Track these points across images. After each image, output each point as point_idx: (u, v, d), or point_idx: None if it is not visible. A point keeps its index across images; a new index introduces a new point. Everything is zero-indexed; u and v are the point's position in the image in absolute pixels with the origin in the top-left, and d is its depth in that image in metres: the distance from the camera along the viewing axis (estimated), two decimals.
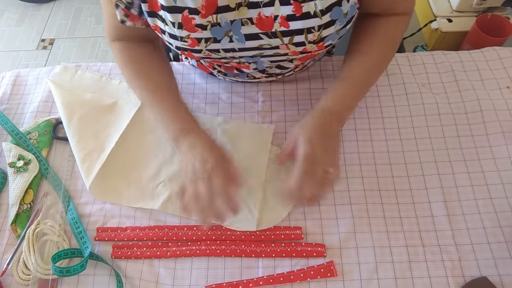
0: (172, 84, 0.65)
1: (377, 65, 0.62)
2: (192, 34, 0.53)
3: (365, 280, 0.56)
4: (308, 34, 0.52)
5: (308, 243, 0.59)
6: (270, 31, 0.52)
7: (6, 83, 0.78)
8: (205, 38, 0.54)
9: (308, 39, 0.53)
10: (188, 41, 0.54)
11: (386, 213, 0.61)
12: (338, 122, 0.59)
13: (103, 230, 0.61)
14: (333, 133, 0.58)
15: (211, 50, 0.56)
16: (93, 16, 2.02)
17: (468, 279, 0.55)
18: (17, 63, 1.87)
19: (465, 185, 0.62)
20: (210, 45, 0.55)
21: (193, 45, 0.55)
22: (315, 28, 0.52)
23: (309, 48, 0.55)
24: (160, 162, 0.67)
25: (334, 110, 0.58)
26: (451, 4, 0.99)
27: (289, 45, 0.54)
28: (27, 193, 0.64)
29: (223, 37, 0.54)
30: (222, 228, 0.61)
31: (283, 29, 0.52)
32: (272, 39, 0.54)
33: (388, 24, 0.61)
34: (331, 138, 0.57)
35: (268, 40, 0.54)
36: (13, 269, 0.58)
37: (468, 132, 0.67)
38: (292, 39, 0.53)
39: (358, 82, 0.61)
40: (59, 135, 0.71)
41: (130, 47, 0.64)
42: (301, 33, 0.52)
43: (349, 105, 0.61)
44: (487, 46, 0.78)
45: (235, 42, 0.55)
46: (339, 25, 0.53)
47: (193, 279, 0.57)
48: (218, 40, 0.54)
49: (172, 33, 0.54)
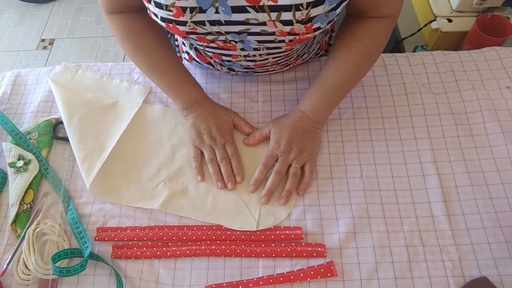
0: (175, 56, 0.68)
1: (355, 71, 0.65)
2: (177, 2, 0.52)
3: (365, 280, 0.56)
4: (296, 11, 0.52)
5: (308, 243, 0.59)
6: (257, 4, 0.52)
7: (6, 83, 0.78)
8: (191, 7, 0.53)
9: (296, 17, 0.52)
10: (173, 10, 0.53)
11: (386, 213, 0.61)
12: (312, 126, 0.65)
13: (103, 230, 0.61)
14: (307, 135, 0.65)
15: (196, 23, 0.55)
16: (93, 16, 2.02)
17: (468, 279, 0.55)
18: (17, 63, 1.87)
19: (465, 185, 0.62)
20: (195, 16, 0.54)
21: (177, 15, 0.54)
22: (303, 6, 0.51)
23: (297, 29, 0.54)
24: (160, 161, 0.67)
25: (308, 114, 0.65)
26: (451, 4, 0.99)
27: (276, 22, 0.54)
28: (27, 193, 0.64)
29: (209, 7, 0.53)
30: (222, 228, 0.61)
31: (271, 3, 0.51)
32: (260, 13, 0.53)
33: (372, 28, 0.62)
34: (302, 139, 0.64)
35: (255, 14, 0.53)
36: (13, 269, 0.58)
37: (468, 132, 0.67)
38: (280, 15, 0.53)
39: (334, 88, 0.65)
40: (59, 135, 0.71)
41: (129, 20, 0.64)
42: (289, 9, 0.51)
43: (324, 109, 0.66)
44: (487, 46, 0.78)
45: (221, 13, 0.53)
46: (328, 6, 0.52)
47: (193, 279, 0.57)
48: (203, 10, 0.53)
49: (157, 1, 0.53)
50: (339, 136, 0.68)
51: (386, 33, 0.64)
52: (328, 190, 0.63)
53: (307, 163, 0.64)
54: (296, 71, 0.76)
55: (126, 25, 0.64)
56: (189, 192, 0.64)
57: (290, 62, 0.73)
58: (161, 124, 0.71)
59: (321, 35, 0.77)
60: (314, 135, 0.66)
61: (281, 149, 0.64)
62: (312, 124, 0.65)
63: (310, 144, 0.65)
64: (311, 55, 0.77)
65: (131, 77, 0.78)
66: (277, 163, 0.64)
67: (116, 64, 0.80)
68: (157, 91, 0.75)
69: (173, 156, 0.67)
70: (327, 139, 0.68)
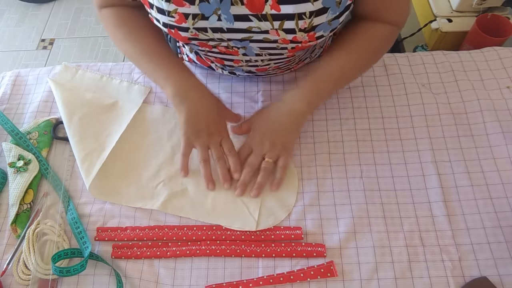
0: (164, 42, 0.66)
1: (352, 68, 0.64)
2: (179, 8, 0.52)
3: (365, 280, 0.56)
4: (299, 20, 0.51)
5: (308, 243, 0.59)
6: (260, 13, 0.51)
7: (6, 83, 0.78)
8: (193, 14, 0.52)
9: (299, 26, 0.52)
10: (175, 17, 0.53)
11: (386, 213, 0.61)
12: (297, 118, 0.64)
13: (103, 230, 0.61)
14: (283, 130, 0.63)
15: (199, 29, 0.55)
16: (93, 16, 2.02)
17: (468, 279, 0.55)
18: (17, 63, 1.87)
19: (465, 185, 0.62)
20: (197, 23, 0.54)
21: (180, 21, 0.54)
22: (306, 15, 0.51)
23: (300, 37, 0.54)
24: (160, 162, 0.67)
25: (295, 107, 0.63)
26: (451, 4, 0.99)
27: (279, 31, 0.54)
28: (27, 193, 0.64)
29: (211, 14, 0.52)
30: (222, 228, 0.61)
31: (274, 12, 0.51)
32: (262, 22, 0.53)
33: (374, 29, 0.62)
34: (277, 134, 0.63)
35: (257, 23, 0.53)
36: (13, 269, 0.58)
37: (468, 132, 0.67)
38: (283, 24, 0.52)
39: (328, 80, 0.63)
40: (59, 135, 0.71)
41: (119, 11, 0.64)
42: (292, 18, 0.51)
43: (312, 102, 0.63)
44: (487, 46, 0.78)
45: (224, 21, 0.53)
46: (331, 15, 0.52)
47: (193, 279, 0.57)
48: (206, 17, 0.53)
49: (159, 7, 0.53)
50: (339, 136, 0.68)
51: (387, 40, 0.64)
52: (328, 190, 0.63)
53: (281, 158, 0.63)
54: (296, 71, 0.76)
55: (116, 15, 0.64)
56: (188, 192, 0.64)
57: (292, 66, 0.73)
58: (161, 124, 0.71)
59: (324, 41, 0.77)
60: (291, 130, 0.64)
61: (255, 141, 0.64)
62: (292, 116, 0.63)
63: (284, 138, 0.63)
64: (313, 59, 0.77)
65: (131, 77, 0.78)
66: (251, 155, 0.63)
67: (116, 64, 0.80)
68: (157, 91, 0.75)
69: (172, 157, 0.67)
70: (327, 139, 0.68)
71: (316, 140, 0.68)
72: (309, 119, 0.69)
